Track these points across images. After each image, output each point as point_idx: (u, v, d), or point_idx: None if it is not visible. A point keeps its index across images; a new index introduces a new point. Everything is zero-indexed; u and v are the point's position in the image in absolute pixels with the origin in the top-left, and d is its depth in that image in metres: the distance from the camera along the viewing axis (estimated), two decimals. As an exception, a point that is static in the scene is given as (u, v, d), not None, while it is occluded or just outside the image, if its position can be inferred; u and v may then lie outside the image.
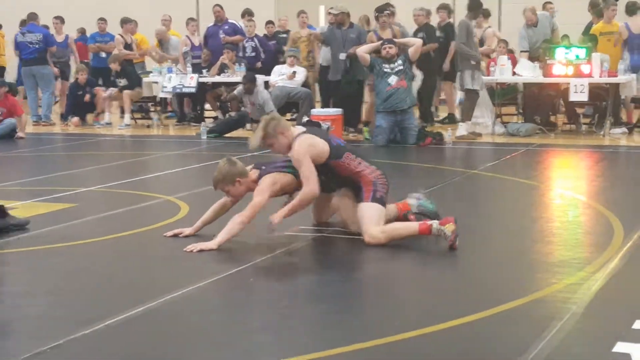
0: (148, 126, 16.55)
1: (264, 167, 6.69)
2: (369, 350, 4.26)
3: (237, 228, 6.41)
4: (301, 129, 6.72)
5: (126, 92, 16.29)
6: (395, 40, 12.93)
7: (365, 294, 5.46)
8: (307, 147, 6.46)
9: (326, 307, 5.05)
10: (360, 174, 6.57)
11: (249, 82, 13.82)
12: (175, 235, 6.72)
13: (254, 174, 6.66)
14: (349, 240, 6.53)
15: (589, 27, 14.90)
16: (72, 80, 17.84)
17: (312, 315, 4.92)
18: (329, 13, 14.36)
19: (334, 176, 6.63)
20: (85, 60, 19.19)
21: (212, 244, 6.33)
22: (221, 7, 16.77)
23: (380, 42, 12.80)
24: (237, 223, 6.42)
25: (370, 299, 5.36)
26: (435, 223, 6.40)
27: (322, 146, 6.52)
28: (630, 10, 14.19)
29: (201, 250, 6.26)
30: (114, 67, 16.54)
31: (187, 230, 6.75)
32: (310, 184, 6.45)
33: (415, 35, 14.54)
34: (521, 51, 14.79)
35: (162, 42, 17.68)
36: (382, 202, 6.55)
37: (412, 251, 6.44)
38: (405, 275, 5.93)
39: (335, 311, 4.97)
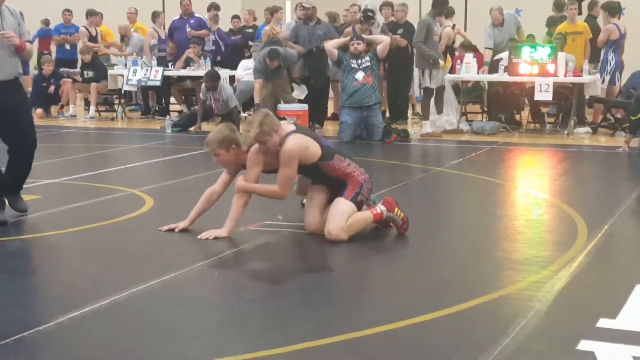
0: (112, 119, 16.44)
1: None
2: (332, 346, 4.25)
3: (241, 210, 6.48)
4: (290, 125, 6.61)
5: (93, 84, 16.17)
6: (363, 36, 12.92)
7: (330, 290, 5.44)
8: (300, 148, 6.34)
9: (291, 302, 5.05)
10: (350, 175, 6.52)
11: (212, 80, 13.70)
12: (171, 230, 6.63)
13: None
14: (314, 236, 6.52)
15: (550, 33, 14.95)
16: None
17: (277, 310, 4.90)
18: (301, 6, 14.32)
19: (321, 176, 6.56)
20: (46, 52, 18.99)
21: (223, 232, 6.40)
22: (189, 1, 16.68)
23: (349, 37, 12.78)
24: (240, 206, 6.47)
25: (334, 294, 5.35)
26: (384, 210, 6.51)
27: (314, 149, 6.42)
28: (615, 10, 14.16)
29: (216, 238, 6.33)
30: (86, 58, 16.40)
31: (182, 224, 6.64)
32: (284, 188, 6.43)
33: (394, 31, 14.54)
34: (485, 48, 14.83)
35: (124, 38, 17.60)
36: (359, 207, 6.54)
37: (377, 248, 6.46)
38: (370, 272, 5.94)
39: (300, 306, 4.97)
